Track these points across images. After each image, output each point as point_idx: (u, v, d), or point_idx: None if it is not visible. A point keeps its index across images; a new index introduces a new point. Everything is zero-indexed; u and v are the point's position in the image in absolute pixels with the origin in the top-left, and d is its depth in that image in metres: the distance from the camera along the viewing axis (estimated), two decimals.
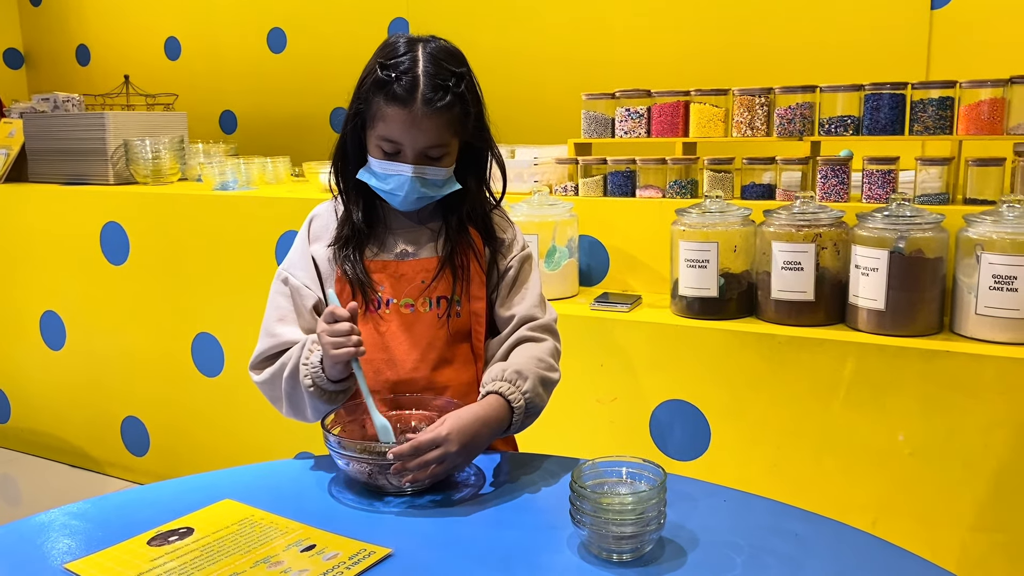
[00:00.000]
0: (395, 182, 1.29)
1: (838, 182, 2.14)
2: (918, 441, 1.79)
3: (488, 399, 1.26)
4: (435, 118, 1.26)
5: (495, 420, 1.24)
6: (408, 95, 1.25)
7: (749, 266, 2.08)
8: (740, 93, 2.29)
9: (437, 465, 1.16)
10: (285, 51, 4.56)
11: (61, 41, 5.33)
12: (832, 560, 1.03)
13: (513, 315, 1.38)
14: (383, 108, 1.26)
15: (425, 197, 1.32)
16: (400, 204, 1.33)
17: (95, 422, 3.31)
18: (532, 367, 1.30)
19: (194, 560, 1.03)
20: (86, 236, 3.16)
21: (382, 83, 1.26)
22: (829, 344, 1.87)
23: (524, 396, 1.27)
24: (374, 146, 1.30)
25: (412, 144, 1.27)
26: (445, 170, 1.32)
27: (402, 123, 1.26)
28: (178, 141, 3.31)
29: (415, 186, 1.29)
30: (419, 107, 1.25)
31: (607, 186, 2.45)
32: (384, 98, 1.26)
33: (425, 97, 1.25)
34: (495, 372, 1.30)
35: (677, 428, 2.05)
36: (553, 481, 1.25)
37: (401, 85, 1.25)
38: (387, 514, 1.15)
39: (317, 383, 1.28)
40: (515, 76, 3.82)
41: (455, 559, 1.04)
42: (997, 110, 2.04)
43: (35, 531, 1.13)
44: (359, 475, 1.19)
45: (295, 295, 1.37)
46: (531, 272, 1.43)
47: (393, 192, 1.31)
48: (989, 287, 1.78)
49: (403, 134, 1.27)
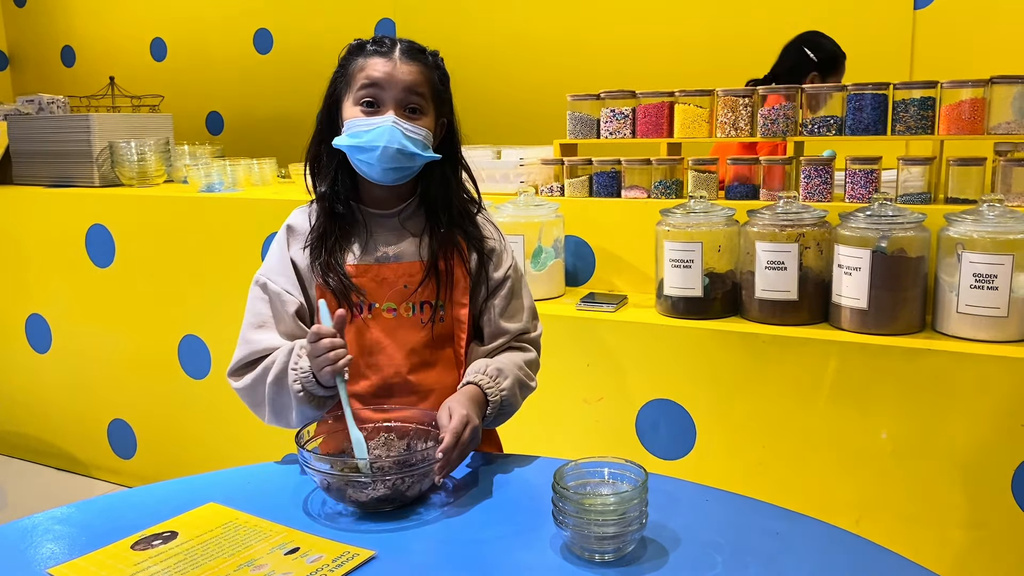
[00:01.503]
0: (376, 132, 1.28)
1: (821, 182, 2.16)
2: (900, 439, 1.80)
3: (467, 388, 1.31)
4: (414, 66, 1.32)
5: (476, 404, 1.29)
6: (388, 50, 1.32)
7: (733, 266, 2.09)
8: (724, 94, 2.31)
9: (468, 445, 1.22)
10: (271, 52, 4.55)
11: (46, 42, 5.30)
12: (812, 558, 1.04)
13: (507, 330, 1.41)
14: (361, 62, 1.32)
15: (404, 153, 1.28)
16: (378, 159, 1.28)
17: (82, 425, 3.30)
18: (513, 370, 1.35)
19: (178, 564, 1.03)
20: (71, 238, 3.15)
21: (360, 46, 1.34)
22: (812, 343, 1.88)
23: (501, 393, 1.32)
24: (352, 107, 1.32)
25: (392, 88, 1.30)
26: (425, 131, 1.31)
27: (382, 68, 1.30)
28: (164, 143, 3.30)
29: (395, 135, 1.27)
30: (398, 56, 1.31)
31: (592, 186, 2.46)
32: (363, 55, 1.32)
33: (403, 50, 1.32)
34: (478, 366, 1.34)
35: (663, 427, 2.06)
36: (536, 482, 1.25)
37: (379, 44, 1.32)
38: (370, 517, 1.16)
39: (307, 388, 1.27)
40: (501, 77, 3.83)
41: (438, 560, 1.05)
42: (978, 110, 2.06)
43: (18, 536, 1.13)
44: (336, 492, 1.17)
45: (275, 301, 1.35)
46: (524, 287, 1.47)
47: (373, 144, 1.27)
48: (970, 286, 1.80)
49: (384, 77, 1.30)
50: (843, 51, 2.98)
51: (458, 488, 1.24)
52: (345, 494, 1.16)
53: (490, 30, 3.95)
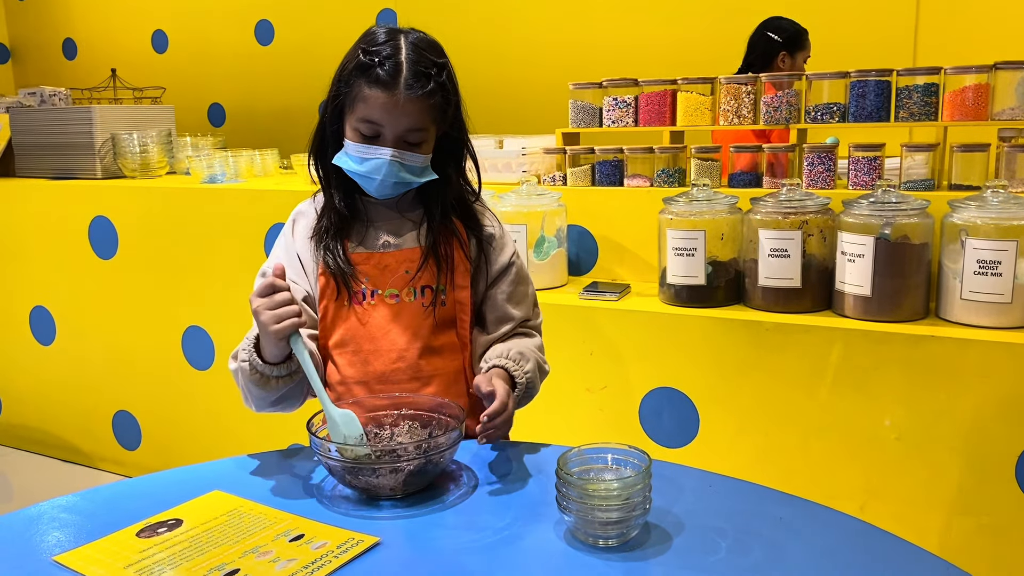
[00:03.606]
0: (372, 165, 1.29)
1: (824, 169, 2.15)
2: (904, 426, 1.80)
3: (495, 371, 1.31)
4: (417, 103, 1.26)
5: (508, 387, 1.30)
6: (391, 79, 1.25)
7: (736, 254, 2.09)
8: (727, 81, 2.30)
9: (509, 420, 1.26)
10: (273, 43, 4.55)
11: (47, 35, 5.30)
12: (815, 543, 1.04)
13: (514, 316, 1.42)
14: (365, 91, 1.26)
15: (401, 183, 1.31)
16: (376, 189, 1.32)
17: (86, 417, 3.31)
18: (532, 354, 1.38)
19: (183, 551, 1.04)
20: (74, 230, 3.15)
21: (365, 67, 1.26)
22: (816, 330, 1.88)
23: (526, 375, 1.34)
24: (352, 129, 1.30)
25: (392, 127, 1.27)
26: (423, 157, 1.32)
27: (383, 106, 1.26)
28: (166, 134, 3.29)
29: (392, 170, 1.29)
30: (402, 91, 1.25)
31: (595, 175, 2.46)
32: (367, 81, 1.26)
33: (408, 82, 1.25)
34: (499, 350, 1.35)
35: (666, 416, 2.06)
36: (540, 468, 1.25)
37: (384, 69, 1.25)
38: (374, 503, 1.16)
39: (252, 364, 1.24)
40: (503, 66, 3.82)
41: (442, 546, 1.05)
42: (981, 96, 2.05)
43: (24, 524, 1.13)
44: (348, 480, 1.17)
45: None
46: (527, 274, 1.48)
47: (370, 175, 1.30)
48: (974, 272, 1.79)
49: (384, 116, 1.27)
50: (804, 28, 3.07)
51: (463, 475, 1.24)
52: (365, 481, 1.14)
53: (491, 19, 3.94)
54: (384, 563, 1.01)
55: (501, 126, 3.05)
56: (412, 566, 1.01)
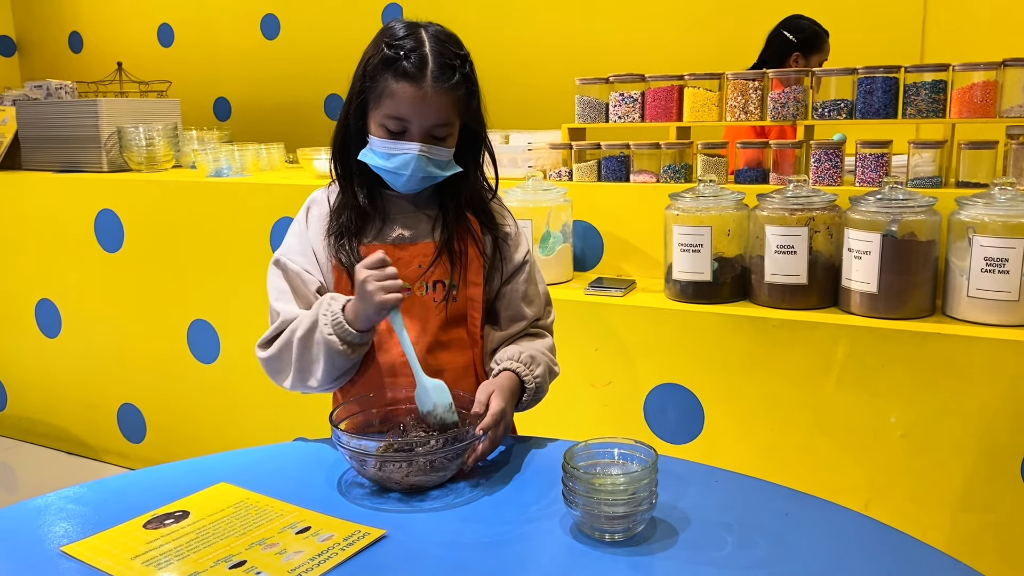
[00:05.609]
0: (400, 160, 1.28)
1: (831, 166, 2.15)
2: (910, 423, 1.80)
3: (505, 375, 1.32)
4: (444, 96, 1.26)
5: (513, 394, 1.31)
6: (418, 72, 1.24)
7: (743, 250, 2.08)
8: (734, 77, 2.29)
9: (499, 439, 1.25)
10: (279, 37, 4.54)
11: (54, 28, 5.31)
12: (821, 538, 1.04)
13: (526, 314, 1.42)
14: (391, 85, 1.26)
15: (429, 177, 1.31)
16: (404, 184, 1.32)
17: (91, 409, 3.32)
18: (542, 357, 1.38)
19: (190, 543, 1.04)
20: (80, 224, 3.16)
21: (390, 60, 1.25)
22: (822, 327, 1.88)
23: (535, 379, 1.34)
24: (378, 125, 1.29)
25: (420, 122, 1.27)
26: (448, 150, 1.32)
27: (411, 100, 1.25)
28: (172, 128, 3.30)
29: (421, 164, 1.28)
30: (429, 84, 1.25)
31: (601, 171, 2.45)
32: (393, 75, 1.25)
33: (435, 75, 1.25)
34: (510, 352, 1.36)
35: (671, 412, 2.06)
36: (546, 463, 1.25)
37: (410, 62, 1.24)
38: (381, 496, 1.16)
39: (339, 334, 1.25)
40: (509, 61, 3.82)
41: (448, 539, 1.05)
42: (990, 93, 2.05)
43: (32, 515, 1.14)
44: (371, 473, 1.17)
45: (295, 279, 1.36)
46: (539, 272, 1.48)
47: (398, 171, 1.29)
48: (981, 270, 1.79)
49: (412, 111, 1.26)
50: (824, 30, 3.00)
51: (469, 469, 1.24)
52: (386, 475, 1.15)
53: (498, 13, 3.94)
54: (390, 556, 1.01)
55: (508, 121, 3.05)
56: (418, 559, 1.01)
